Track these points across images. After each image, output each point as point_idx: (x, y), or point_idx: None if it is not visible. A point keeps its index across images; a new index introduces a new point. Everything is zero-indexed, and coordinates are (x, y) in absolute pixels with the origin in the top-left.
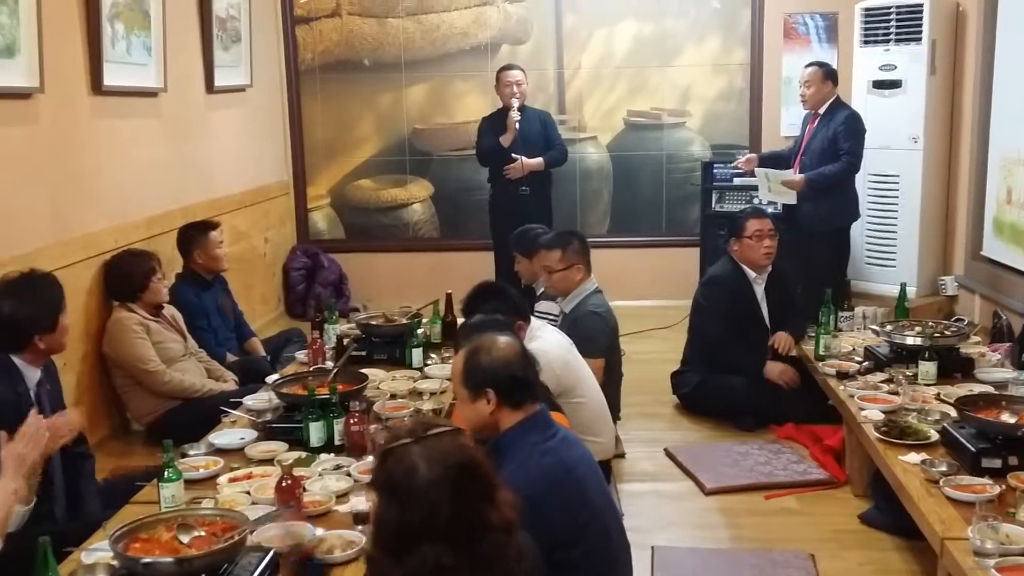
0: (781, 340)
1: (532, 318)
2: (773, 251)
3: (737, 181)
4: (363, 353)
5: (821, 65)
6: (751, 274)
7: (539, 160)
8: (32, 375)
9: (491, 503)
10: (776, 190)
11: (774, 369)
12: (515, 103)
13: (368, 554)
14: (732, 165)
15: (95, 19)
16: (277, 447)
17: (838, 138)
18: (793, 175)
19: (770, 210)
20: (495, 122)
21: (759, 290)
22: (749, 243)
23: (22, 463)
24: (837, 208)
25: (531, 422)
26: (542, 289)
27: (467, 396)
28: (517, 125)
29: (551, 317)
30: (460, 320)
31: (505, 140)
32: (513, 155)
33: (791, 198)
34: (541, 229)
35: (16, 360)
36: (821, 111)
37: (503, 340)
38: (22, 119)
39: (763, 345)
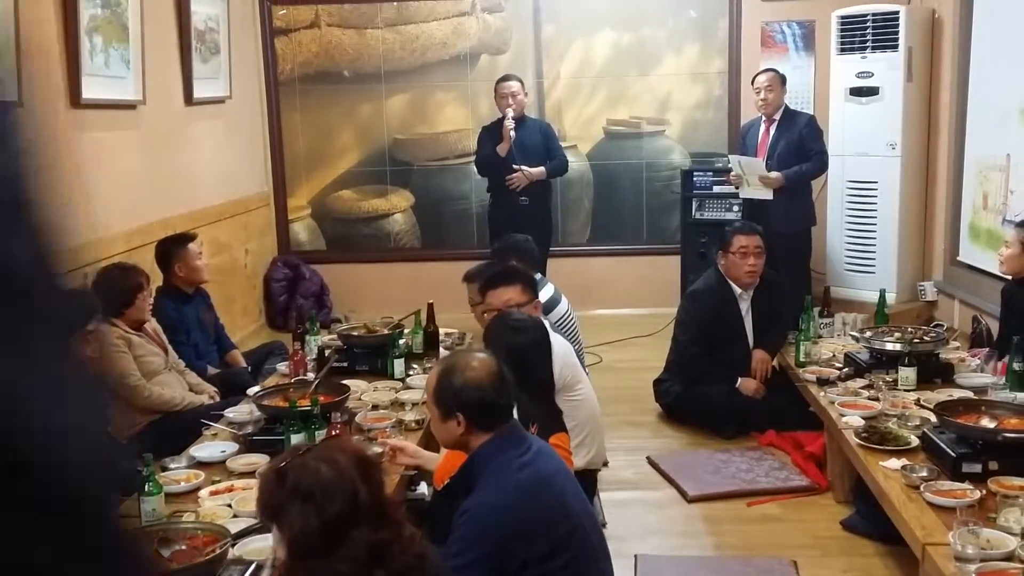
0: (758, 364)
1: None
2: (757, 270)
3: (717, 189)
4: (345, 364)
5: (777, 72)
6: (736, 289)
7: (541, 169)
8: None
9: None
10: (754, 184)
11: (748, 386)
12: (510, 112)
13: None
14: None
15: (73, 32)
16: (258, 459)
17: (804, 141)
18: (767, 171)
19: (736, 208)
20: (493, 132)
21: (744, 305)
22: (734, 259)
23: None
24: (807, 210)
25: (505, 438)
26: None
27: (438, 415)
28: (512, 134)
29: None
30: (442, 329)
31: (501, 149)
32: (513, 166)
33: (767, 194)
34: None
35: None
36: (777, 117)
37: (478, 360)
38: None
39: (743, 361)
